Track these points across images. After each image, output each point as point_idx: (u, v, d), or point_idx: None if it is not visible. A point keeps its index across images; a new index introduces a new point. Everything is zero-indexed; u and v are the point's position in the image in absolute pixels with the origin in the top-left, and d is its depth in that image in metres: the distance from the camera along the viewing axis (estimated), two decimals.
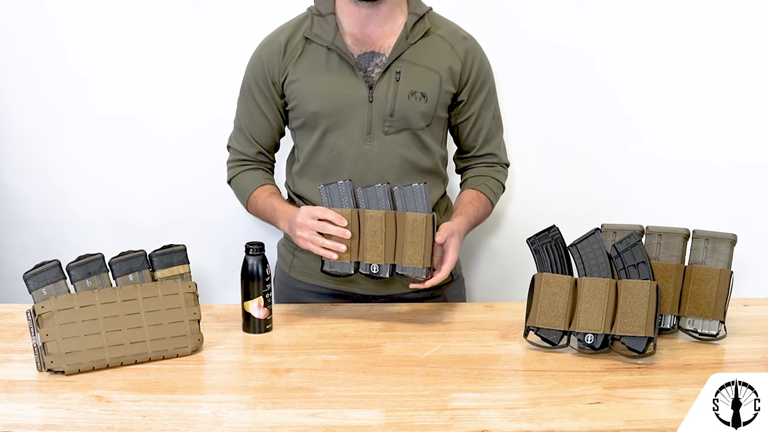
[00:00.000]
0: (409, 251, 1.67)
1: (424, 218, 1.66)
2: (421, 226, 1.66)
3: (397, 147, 1.81)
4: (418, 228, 1.66)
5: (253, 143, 1.90)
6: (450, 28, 1.86)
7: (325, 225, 1.68)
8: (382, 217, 1.67)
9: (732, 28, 2.12)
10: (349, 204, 1.69)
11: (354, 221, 1.68)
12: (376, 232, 1.68)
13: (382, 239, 1.67)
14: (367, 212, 1.68)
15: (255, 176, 1.90)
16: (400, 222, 1.68)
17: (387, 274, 1.69)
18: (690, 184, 2.20)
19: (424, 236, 1.66)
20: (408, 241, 1.67)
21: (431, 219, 1.66)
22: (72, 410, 1.41)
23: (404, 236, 1.68)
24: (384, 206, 1.68)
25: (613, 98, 2.17)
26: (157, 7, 2.14)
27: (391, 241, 1.68)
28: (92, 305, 1.56)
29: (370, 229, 1.68)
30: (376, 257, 1.68)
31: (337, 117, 1.80)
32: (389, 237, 1.68)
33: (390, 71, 1.79)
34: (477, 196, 1.88)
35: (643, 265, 1.61)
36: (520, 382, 1.53)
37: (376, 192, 1.68)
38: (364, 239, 1.68)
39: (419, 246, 1.66)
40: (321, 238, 1.68)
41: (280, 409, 1.42)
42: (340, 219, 1.68)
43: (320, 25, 1.81)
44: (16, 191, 2.27)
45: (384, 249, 1.68)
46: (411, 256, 1.67)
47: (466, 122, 1.89)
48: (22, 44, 2.17)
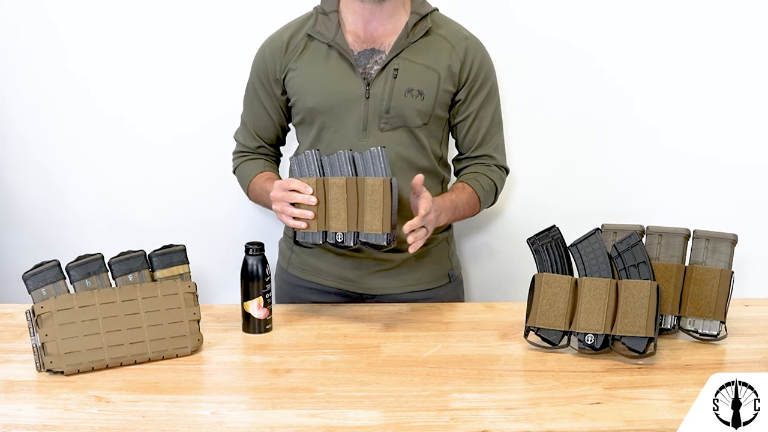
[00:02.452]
0: (368, 217, 1.64)
1: (381, 182, 1.63)
2: (379, 190, 1.63)
3: (392, 144, 1.81)
4: (376, 192, 1.63)
5: (255, 137, 1.93)
6: (452, 28, 1.86)
7: (293, 195, 1.67)
8: (344, 184, 1.65)
9: (735, 27, 2.12)
10: (315, 173, 1.68)
11: (320, 190, 1.67)
12: (339, 199, 1.65)
13: (344, 206, 1.65)
14: (330, 179, 1.66)
15: (256, 164, 1.93)
16: (360, 188, 1.65)
17: (351, 242, 1.66)
18: (691, 184, 2.20)
19: (382, 201, 1.63)
20: (368, 207, 1.64)
21: (389, 183, 1.62)
22: (71, 410, 1.41)
23: (364, 202, 1.65)
24: (346, 172, 1.66)
25: (615, 98, 2.17)
26: (158, 7, 2.14)
27: (353, 208, 1.65)
28: (92, 305, 1.56)
29: (334, 196, 1.66)
30: (339, 225, 1.66)
31: (333, 113, 1.81)
32: (351, 204, 1.65)
33: (388, 68, 1.80)
34: (462, 187, 1.87)
35: (643, 265, 1.60)
36: (520, 382, 1.53)
37: (339, 159, 1.66)
38: (329, 207, 1.66)
39: (378, 211, 1.63)
40: (290, 208, 1.68)
41: (280, 409, 1.42)
42: (304, 187, 1.66)
43: (323, 22, 1.82)
44: (16, 191, 2.27)
45: (347, 216, 1.65)
46: (370, 222, 1.64)
47: (464, 122, 1.88)
48: (22, 44, 2.17)
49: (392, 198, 1.63)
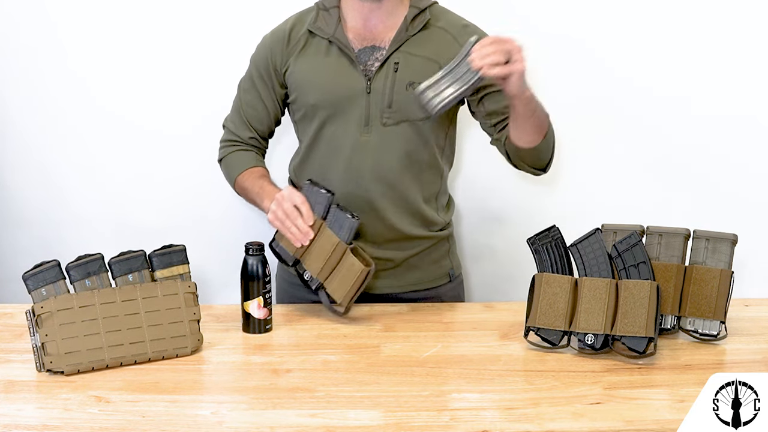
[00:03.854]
0: (335, 284, 1.73)
1: (362, 270, 1.70)
2: (356, 273, 1.70)
3: (395, 139, 1.81)
4: (351, 272, 1.71)
5: (248, 127, 1.93)
6: (450, 18, 1.86)
7: (297, 217, 1.72)
8: (335, 244, 1.72)
9: (736, 26, 2.12)
10: (319, 213, 1.74)
11: (315, 228, 1.74)
12: (324, 251, 1.73)
13: (325, 260, 1.73)
14: (327, 230, 1.73)
15: (248, 157, 1.93)
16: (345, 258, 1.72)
17: (314, 286, 1.75)
18: (691, 183, 2.20)
19: (352, 283, 1.71)
20: (338, 276, 1.72)
21: (366, 272, 1.70)
22: (71, 411, 1.41)
23: (339, 271, 1.72)
24: (342, 237, 1.72)
25: (615, 97, 2.17)
26: (157, 7, 2.14)
27: (329, 268, 1.73)
28: (92, 305, 1.55)
29: (321, 244, 1.73)
30: (313, 269, 1.75)
31: (335, 108, 1.81)
32: (330, 263, 1.73)
33: (388, 63, 1.80)
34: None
35: (643, 265, 1.60)
36: (520, 382, 1.53)
37: (344, 220, 1.71)
38: (313, 248, 1.74)
39: (345, 287, 1.72)
40: (290, 224, 1.72)
41: (280, 409, 1.42)
42: (309, 217, 1.72)
43: (324, 18, 1.83)
44: (16, 191, 2.27)
45: (321, 269, 1.73)
46: (335, 289, 1.73)
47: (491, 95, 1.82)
48: (22, 44, 2.17)
49: (362, 284, 1.72)
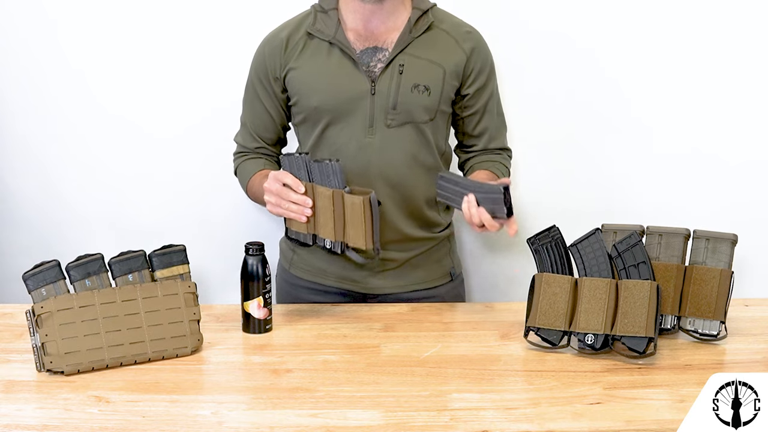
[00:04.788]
0: (351, 232, 1.65)
1: (361, 201, 1.62)
2: (359, 209, 1.63)
3: (399, 141, 1.81)
4: (356, 211, 1.64)
5: (255, 138, 1.92)
6: (453, 22, 1.86)
7: (288, 192, 1.69)
8: (330, 196, 1.66)
9: (734, 27, 2.12)
10: (304, 177, 1.69)
11: (309, 195, 1.68)
12: (326, 208, 1.67)
13: (331, 216, 1.66)
14: (318, 188, 1.67)
15: (255, 163, 1.92)
16: (344, 203, 1.66)
17: (339, 250, 1.69)
18: (691, 183, 2.20)
19: (363, 219, 1.63)
20: (350, 223, 1.65)
21: (368, 201, 1.62)
22: (71, 411, 1.41)
23: (346, 218, 1.66)
24: (333, 184, 1.66)
25: (615, 97, 2.17)
26: (156, 7, 2.14)
27: (339, 220, 1.66)
28: (92, 305, 1.56)
29: (322, 205, 1.67)
30: (327, 233, 1.68)
31: (338, 111, 1.81)
32: (337, 215, 1.66)
33: (393, 65, 1.79)
34: (491, 176, 1.86)
35: (643, 265, 1.60)
36: (520, 382, 1.53)
37: (327, 168, 1.65)
38: (318, 214, 1.69)
39: (360, 229, 1.64)
40: (287, 203, 1.69)
41: (280, 409, 1.42)
42: (297, 185, 1.68)
43: (323, 20, 1.82)
44: (16, 191, 2.27)
45: (333, 227, 1.67)
46: (354, 237, 1.65)
47: (473, 116, 1.89)
48: (22, 44, 2.17)
49: (373, 215, 1.64)
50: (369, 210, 1.63)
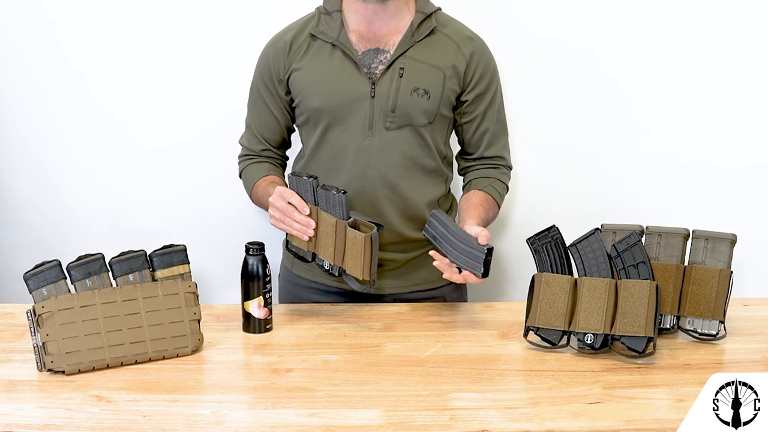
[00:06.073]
0: (350, 262, 1.69)
1: (363, 239, 1.65)
2: (360, 244, 1.66)
3: (398, 143, 1.81)
4: (357, 245, 1.66)
5: (260, 140, 1.93)
6: (456, 27, 1.86)
7: (293, 211, 1.70)
8: (334, 224, 1.69)
9: (734, 29, 2.12)
10: (310, 200, 1.71)
11: (313, 217, 1.71)
12: (328, 234, 1.70)
13: (332, 243, 1.70)
14: (322, 214, 1.70)
15: (260, 168, 1.93)
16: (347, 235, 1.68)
17: (336, 273, 1.71)
18: (690, 184, 2.20)
19: (362, 254, 1.66)
20: (349, 254, 1.68)
21: (369, 239, 1.65)
22: (72, 410, 1.41)
23: (347, 249, 1.69)
24: (338, 214, 1.68)
25: (615, 99, 2.17)
26: (158, 9, 2.14)
27: (340, 246, 1.70)
28: (92, 305, 1.56)
29: (324, 230, 1.70)
30: (327, 256, 1.71)
31: (339, 112, 1.81)
32: (338, 242, 1.69)
33: (393, 67, 1.80)
34: (486, 198, 1.87)
35: (642, 265, 1.61)
36: (520, 382, 1.53)
37: (334, 198, 1.68)
38: (320, 237, 1.71)
39: (358, 262, 1.67)
40: (291, 221, 1.71)
41: (280, 409, 1.42)
42: (302, 207, 1.70)
43: (326, 22, 1.82)
44: (16, 191, 2.27)
45: (333, 252, 1.70)
46: (352, 267, 1.69)
47: (471, 123, 1.89)
48: (22, 44, 2.17)
49: (373, 251, 1.66)
50: (370, 246, 1.66)
